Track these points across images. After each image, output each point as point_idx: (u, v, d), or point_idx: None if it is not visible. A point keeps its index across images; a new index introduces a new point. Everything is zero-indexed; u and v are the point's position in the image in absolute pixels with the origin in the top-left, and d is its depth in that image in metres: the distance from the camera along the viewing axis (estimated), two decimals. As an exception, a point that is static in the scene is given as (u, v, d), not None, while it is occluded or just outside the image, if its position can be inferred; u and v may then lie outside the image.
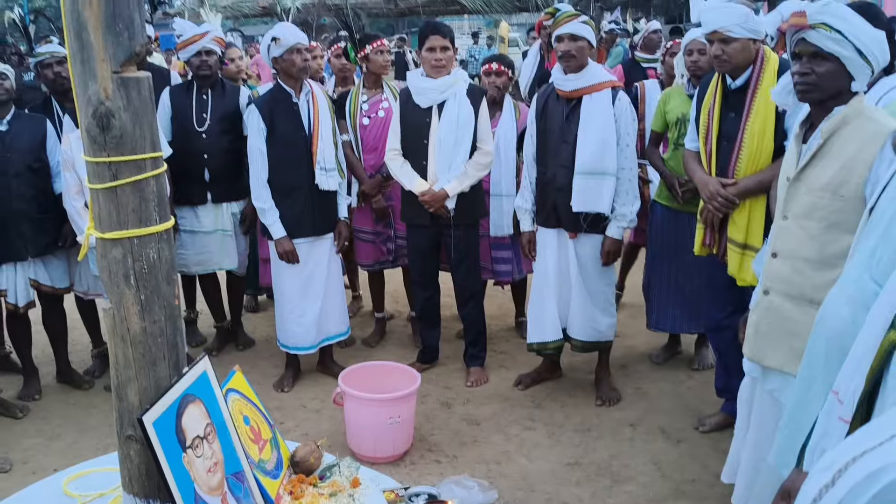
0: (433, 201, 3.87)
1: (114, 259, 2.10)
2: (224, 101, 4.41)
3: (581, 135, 3.58)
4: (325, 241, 4.09)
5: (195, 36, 4.30)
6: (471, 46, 20.80)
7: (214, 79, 4.40)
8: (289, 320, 4.10)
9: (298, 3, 10.54)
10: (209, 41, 4.30)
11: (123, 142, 2.03)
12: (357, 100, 4.47)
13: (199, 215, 4.43)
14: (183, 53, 4.38)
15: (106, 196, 2.07)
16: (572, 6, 5.00)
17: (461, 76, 3.95)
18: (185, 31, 4.36)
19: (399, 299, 5.42)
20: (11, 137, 3.90)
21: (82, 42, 1.98)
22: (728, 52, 3.10)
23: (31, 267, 4.03)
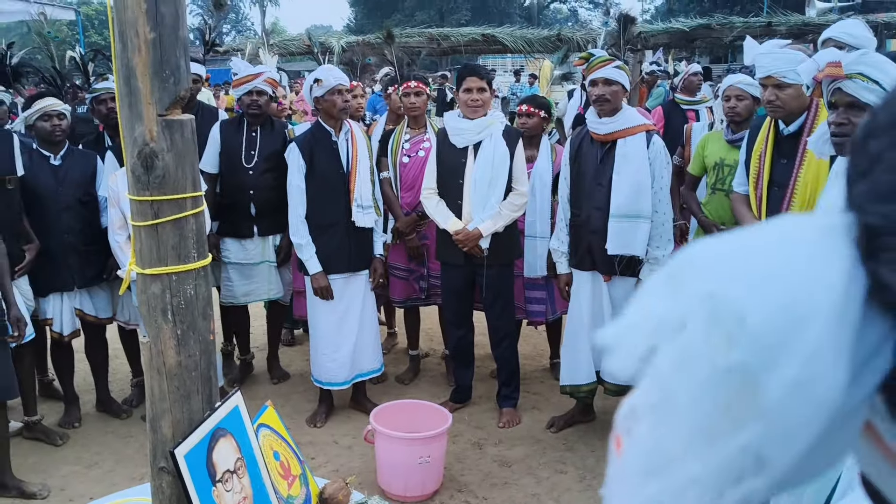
0: (466, 241, 3.90)
1: (153, 294, 2.17)
2: (272, 139, 4.54)
3: (616, 178, 3.60)
4: (361, 277, 4.15)
5: (249, 76, 4.44)
6: (513, 84, 20.97)
7: (264, 117, 4.53)
8: (323, 355, 4.14)
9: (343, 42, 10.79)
10: (261, 82, 4.44)
11: (166, 181, 2.11)
12: (400, 138, 4.55)
13: (246, 248, 4.54)
14: (236, 91, 4.54)
15: (147, 233, 2.15)
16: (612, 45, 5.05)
17: (498, 117, 4.01)
18: (241, 70, 4.51)
19: (434, 337, 5.44)
20: (64, 172, 4.05)
21: (130, 87, 2.07)
22: (782, 97, 3.07)
23: (76, 297, 4.16)
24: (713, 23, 9.96)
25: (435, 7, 40.14)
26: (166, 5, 2.04)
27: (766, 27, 9.92)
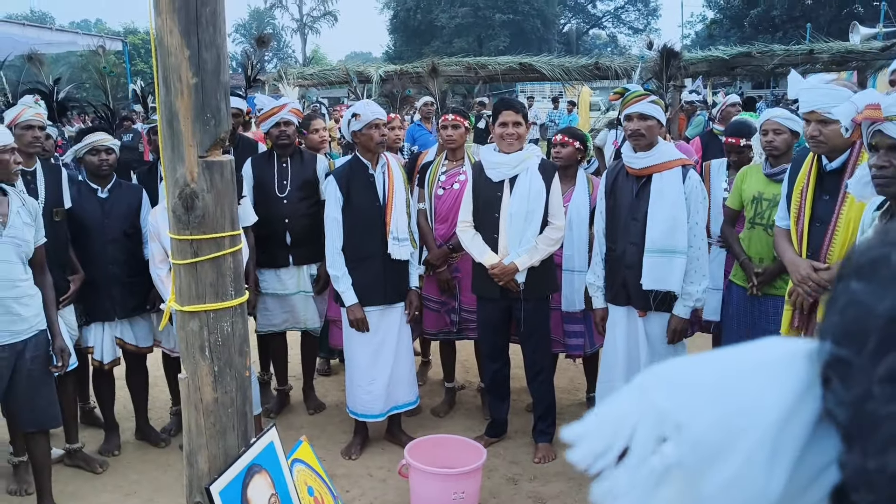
0: (502, 275, 3.90)
1: (191, 331, 2.22)
2: (302, 169, 4.63)
3: (651, 212, 3.58)
4: (396, 309, 4.17)
5: (274, 108, 4.55)
6: (551, 111, 21.01)
7: (293, 147, 4.61)
8: (358, 387, 4.16)
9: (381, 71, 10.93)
10: (287, 113, 4.54)
11: (205, 221, 2.16)
12: (437, 170, 4.59)
13: (282, 277, 4.61)
14: (263, 125, 4.62)
15: (187, 271, 2.20)
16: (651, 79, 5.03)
17: (534, 151, 4.01)
18: (265, 104, 4.62)
19: (470, 369, 5.43)
20: (111, 204, 4.16)
21: (173, 129, 2.13)
22: (826, 133, 3.02)
23: (117, 326, 4.24)
24: (753, 51, 9.88)
25: (473, 34, 40.49)
26: (209, 51, 2.11)
27: (808, 55, 9.81)
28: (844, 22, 25.44)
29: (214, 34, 2.11)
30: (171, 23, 2.07)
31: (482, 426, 4.53)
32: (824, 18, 27.77)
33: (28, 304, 3.44)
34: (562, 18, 48.59)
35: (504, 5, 39.44)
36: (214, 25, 2.10)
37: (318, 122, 5.43)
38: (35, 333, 3.48)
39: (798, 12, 29.38)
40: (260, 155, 4.79)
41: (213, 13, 2.09)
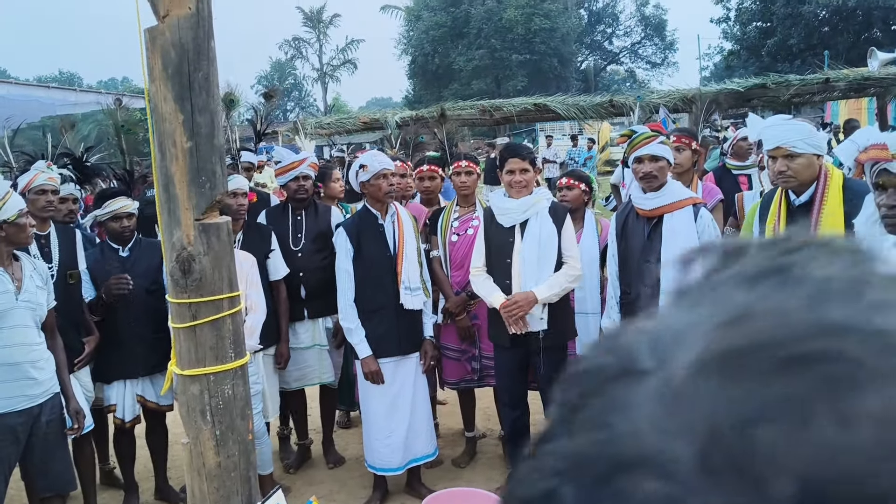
0: (523, 302, 3.72)
1: (192, 395, 2.20)
2: (317, 222, 4.64)
3: (665, 254, 3.52)
4: (411, 360, 4.13)
5: (294, 163, 4.58)
6: (570, 149, 21.06)
7: (309, 201, 4.63)
8: (375, 440, 4.10)
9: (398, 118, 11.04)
10: (306, 167, 4.57)
11: (203, 284, 2.15)
12: (449, 216, 4.57)
13: (297, 331, 4.59)
14: (281, 178, 4.65)
15: (186, 334, 2.18)
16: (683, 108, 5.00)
17: (543, 194, 3.97)
18: (284, 158, 4.65)
19: (491, 416, 5.35)
20: (132, 263, 4.19)
21: (169, 194, 2.14)
22: (793, 167, 3.04)
23: (139, 383, 4.24)
24: (769, 82, 9.85)
25: (491, 75, 40.90)
26: (202, 116, 2.12)
27: (825, 83, 9.74)
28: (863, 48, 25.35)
29: (208, 99, 2.13)
30: (165, 89, 2.09)
31: (504, 476, 4.44)
32: (843, 45, 27.70)
33: (43, 368, 3.46)
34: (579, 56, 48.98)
35: (521, 46, 39.86)
36: (207, 91, 2.12)
37: (337, 172, 5.44)
38: (50, 397, 3.48)
39: (816, 40, 29.33)
40: (274, 207, 4.83)
41: (205, 78, 2.11)
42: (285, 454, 4.98)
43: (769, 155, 3.15)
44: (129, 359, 4.16)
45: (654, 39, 50.61)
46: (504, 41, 39.87)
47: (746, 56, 32.80)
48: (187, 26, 2.08)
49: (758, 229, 3.38)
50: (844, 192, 3.00)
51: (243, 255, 3.96)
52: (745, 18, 32.73)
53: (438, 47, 42.01)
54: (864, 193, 2.96)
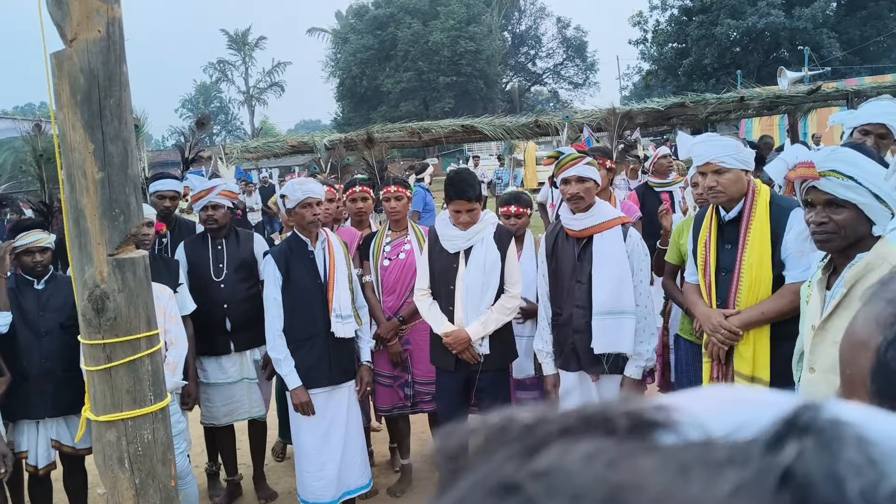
0: (455, 343, 3.78)
1: (108, 442, 2.06)
2: (239, 249, 4.49)
3: (596, 274, 3.53)
4: (344, 389, 4.02)
5: (202, 192, 4.41)
6: (497, 168, 21.28)
7: (226, 230, 4.48)
8: (308, 474, 3.97)
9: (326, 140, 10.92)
10: (215, 196, 4.40)
11: (118, 323, 2.03)
12: (381, 241, 4.50)
13: (223, 366, 4.42)
14: (196, 206, 4.49)
15: (100, 377, 2.05)
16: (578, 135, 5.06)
17: (489, 220, 3.91)
18: (195, 186, 4.48)
19: (426, 441, 5.26)
20: (47, 297, 3.97)
21: (80, 228, 2.01)
22: (722, 182, 3.10)
23: (52, 427, 4.00)
24: (687, 101, 10.13)
25: (419, 97, 41.15)
26: (115, 145, 2.01)
27: (739, 102, 10.09)
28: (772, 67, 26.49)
29: (120, 126, 2.02)
30: (73, 117, 1.97)
31: None
32: (753, 65, 28.89)
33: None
34: (504, 77, 49.74)
35: (447, 68, 40.25)
36: (120, 118, 2.01)
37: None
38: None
39: (728, 59, 30.52)
40: (194, 237, 4.62)
41: (117, 105, 2.00)
42: (214, 491, 4.78)
43: (699, 171, 3.20)
44: (38, 398, 3.91)
45: (575, 60, 51.88)
46: (431, 63, 40.21)
47: (664, 76, 33.87)
48: (97, 50, 1.97)
49: (691, 245, 3.42)
50: (771, 207, 3.07)
51: (159, 288, 3.78)
52: (661, 40, 33.84)
53: (366, 70, 42.06)
54: (790, 209, 3.04)
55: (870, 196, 2.13)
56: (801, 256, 2.92)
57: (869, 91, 10.01)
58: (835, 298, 2.16)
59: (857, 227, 2.18)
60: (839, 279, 2.19)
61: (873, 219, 2.16)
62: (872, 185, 2.13)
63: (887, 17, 29.28)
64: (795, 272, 2.97)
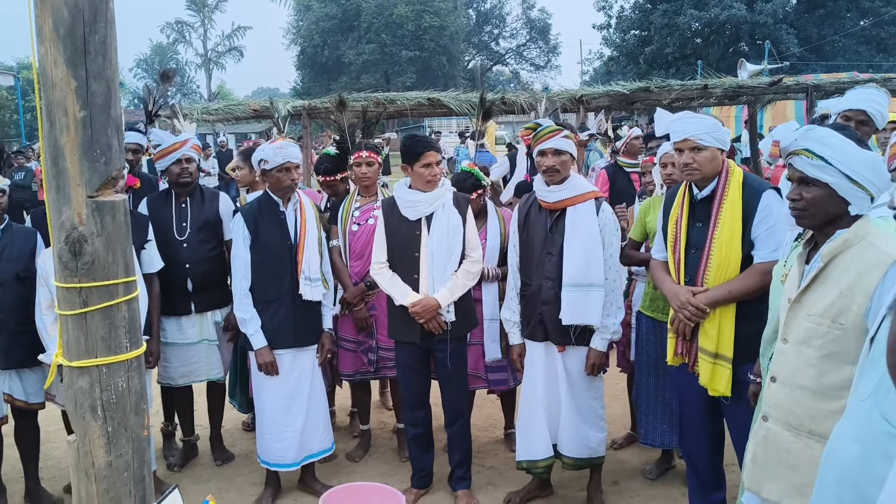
0: (424, 312, 3.75)
1: (80, 389, 2.01)
2: (203, 209, 4.39)
3: (567, 246, 3.56)
4: (309, 352, 4.00)
5: (175, 144, 4.30)
6: (458, 146, 21.23)
7: (193, 187, 4.39)
8: (269, 436, 3.95)
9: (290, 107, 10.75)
10: (189, 149, 4.31)
11: (95, 268, 1.98)
12: (350, 206, 4.46)
13: (183, 326, 4.34)
14: (161, 163, 4.35)
15: (75, 323, 2.00)
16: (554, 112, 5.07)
17: (447, 186, 3.93)
18: (164, 140, 4.37)
19: (384, 409, 5.28)
20: (2, 247, 3.85)
21: (58, 168, 1.95)
22: (699, 160, 3.13)
23: (5, 381, 3.90)
24: (652, 86, 10.22)
25: (381, 70, 40.74)
26: (98, 83, 1.94)
27: (703, 89, 10.22)
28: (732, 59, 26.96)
29: (104, 65, 1.95)
30: (56, 52, 1.90)
31: (398, 469, 4.39)
32: (713, 56, 29.26)
33: None
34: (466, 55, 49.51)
35: (410, 42, 39.89)
36: (104, 55, 1.94)
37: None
38: None
39: (689, 50, 30.85)
40: (157, 195, 4.49)
41: (102, 42, 1.93)
42: (169, 451, 4.73)
43: (676, 147, 3.23)
44: None
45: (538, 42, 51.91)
46: (394, 37, 39.81)
47: (625, 62, 34.11)
48: (81, -16, 1.89)
49: (661, 222, 3.46)
50: (744, 187, 3.12)
51: None
52: (624, 26, 34.02)
53: (328, 39, 41.44)
54: (762, 190, 3.10)
55: (841, 176, 2.18)
56: (769, 236, 2.99)
57: (828, 86, 10.22)
58: (812, 272, 2.21)
59: (829, 206, 2.23)
60: (818, 254, 2.24)
61: (848, 198, 2.21)
62: (844, 166, 2.18)
63: (844, 16, 29.94)
64: (764, 252, 3.03)
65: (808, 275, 2.23)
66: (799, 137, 2.23)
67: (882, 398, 1.48)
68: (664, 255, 3.42)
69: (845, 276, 2.14)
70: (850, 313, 2.11)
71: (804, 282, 2.23)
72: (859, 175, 2.18)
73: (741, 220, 3.08)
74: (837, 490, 1.61)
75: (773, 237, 2.99)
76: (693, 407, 3.37)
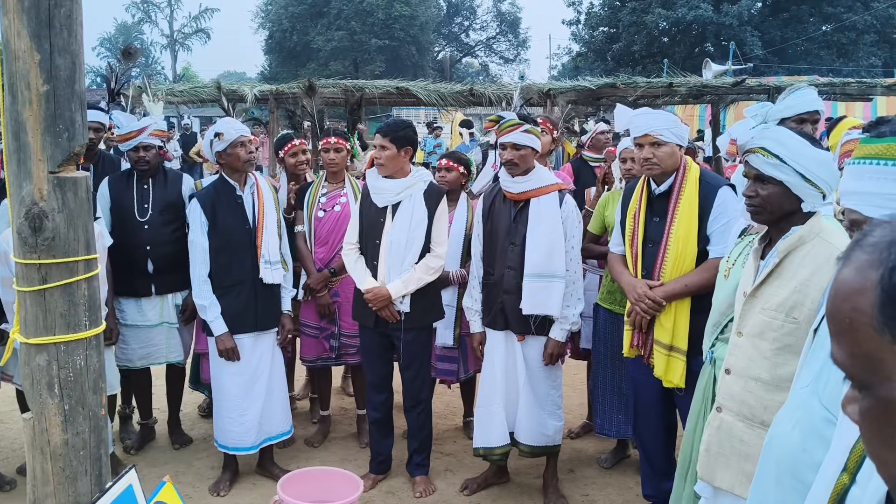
0: (375, 300, 3.77)
1: (37, 366, 2.00)
2: (166, 191, 4.33)
3: (530, 237, 3.60)
4: (269, 336, 4.00)
5: (132, 133, 4.20)
6: (426, 136, 21.22)
7: (155, 170, 4.33)
8: (228, 419, 3.93)
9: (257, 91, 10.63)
10: (147, 136, 4.22)
11: (56, 244, 1.97)
12: (317, 192, 4.45)
13: (143, 308, 4.28)
14: (122, 146, 4.30)
15: (33, 299, 1.99)
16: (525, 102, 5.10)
17: (421, 176, 3.90)
18: (123, 125, 4.28)
19: (344, 396, 5.29)
20: None
21: (20, 142, 1.94)
22: (658, 155, 3.20)
23: (-44, 359, 3.82)
24: (618, 82, 10.30)
25: (349, 58, 40.41)
26: (62, 57, 1.93)
27: (668, 87, 10.34)
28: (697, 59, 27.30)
29: (70, 39, 1.93)
30: (19, 24, 1.88)
31: (357, 455, 4.41)
32: (679, 55, 29.58)
33: None
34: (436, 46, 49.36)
35: (380, 31, 39.62)
36: (70, 29, 1.93)
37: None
38: None
39: (656, 48, 31.17)
40: (119, 174, 4.42)
41: (67, 16, 1.92)
42: (126, 434, 4.69)
43: (636, 142, 3.29)
44: None
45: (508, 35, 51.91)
46: (364, 24, 39.50)
47: (593, 58, 34.30)
48: (47, -43, 1.88)
49: (619, 216, 3.53)
50: (700, 184, 3.20)
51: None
52: (593, 22, 34.22)
53: (297, 24, 40.95)
54: (718, 186, 3.17)
55: (795, 175, 2.25)
56: (725, 231, 3.07)
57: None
58: (767, 267, 2.28)
59: (783, 203, 2.29)
60: (773, 249, 2.31)
61: (801, 196, 2.28)
62: (798, 164, 2.24)
63: (807, 21, 30.45)
64: (719, 247, 3.11)
65: (764, 270, 2.29)
66: (756, 136, 2.29)
67: (822, 386, 1.54)
68: (622, 249, 3.49)
69: (801, 271, 2.20)
70: (804, 307, 2.17)
71: (759, 277, 2.29)
72: (812, 173, 2.24)
73: (697, 215, 3.16)
74: (777, 473, 1.67)
75: (728, 233, 3.06)
76: (647, 398, 3.44)
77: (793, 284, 2.20)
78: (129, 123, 4.29)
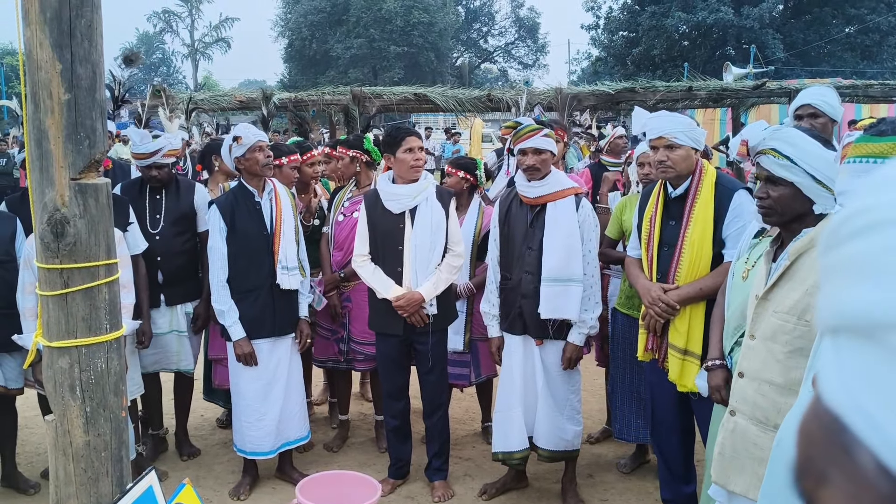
0: (408, 306, 3.78)
1: (60, 369, 2.04)
2: (178, 202, 4.35)
3: (547, 241, 3.61)
4: (286, 341, 4.02)
5: (144, 155, 4.19)
6: (444, 141, 21.29)
7: (167, 182, 4.33)
8: (247, 424, 3.96)
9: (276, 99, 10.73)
10: (159, 158, 4.22)
11: (77, 249, 2.00)
12: (343, 196, 4.51)
13: (153, 318, 4.27)
14: (137, 161, 4.29)
15: (56, 303, 2.02)
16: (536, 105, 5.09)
17: (430, 179, 3.95)
18: (135, 143, 4.23)
19: (363, 401, 5.31)
20: None
21: (42, 150, 1.97)
22: (673, 158, 3.19)
23: (-18, 365, 3.89)
24: (637, 86, 10.30)
25: (368, 65, 40.64)
26: (83, 67, 1.97)
27: (687, 91, 10.30)
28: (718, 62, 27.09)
29: (90, 49, 1.97)
30: (42, 34, 1.92)
31: (377, 460, 4.42)
32: (700, 59, 29.43)
33: None
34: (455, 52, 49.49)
35: (399, 38, 39.81)
36: (90, 39, 1.97)
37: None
38: None
39: (676, 52, 31.01)
40: (131, 182, 4.43)
41: (88, 26, 1.96)
42: (144, 439, 4.72)
43: (651, 145, 3.28)
44: None
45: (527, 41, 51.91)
46: (383, 32, 39.69)
47: (613, 63, 34.21)
48: (68, -32, 1.92)
49: (636, 220, 3.52)
50: (716, 186, 3.18)
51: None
52: (612, 27, 34.13)
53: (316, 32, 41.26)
54: (734, 189, 3.16)
55: (805, 176, 2.24)
56: (740, 235, 3.05)
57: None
58: (778, 270, 2.27)
59: (794, 205, 2.28)
60: (784, 252, 2.30)
61: (812, 198, 2.27)
62: (809, 166, 2.23)
63: (830, 23, 30.18)
64: (734, 251, 3.09)
65: (775, 273, 2.28)
66: (767, 137, 2.28)
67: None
68: (638, 253, 3.48)
69: (812, 273, 2.19)
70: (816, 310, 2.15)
71: (771, 279, 2.28)
72: (823, 175, 2.23)
73: (713, 219, 3.15)
74: (786, 476, 1.65)
75: (743, 236, 3.05)
76: (664, 402, 3.43)
77: (804, 287, 2.19)
78: (142, 142, 4.22)
